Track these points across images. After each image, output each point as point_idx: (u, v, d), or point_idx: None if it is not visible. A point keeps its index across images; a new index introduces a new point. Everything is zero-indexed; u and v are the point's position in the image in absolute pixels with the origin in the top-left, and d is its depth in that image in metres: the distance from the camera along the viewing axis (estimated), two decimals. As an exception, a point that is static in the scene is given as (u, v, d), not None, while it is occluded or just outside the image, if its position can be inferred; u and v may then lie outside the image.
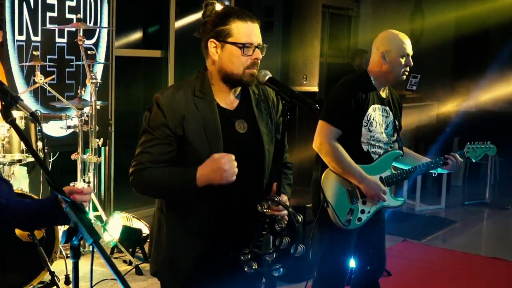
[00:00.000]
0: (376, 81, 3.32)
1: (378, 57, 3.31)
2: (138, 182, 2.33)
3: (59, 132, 5.16)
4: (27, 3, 5.09)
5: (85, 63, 4.68)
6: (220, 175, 2.24)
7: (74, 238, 1.74)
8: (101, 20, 5.78)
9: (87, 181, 4.74)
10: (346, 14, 9.68)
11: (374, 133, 3.28)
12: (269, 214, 2.35)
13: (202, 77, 2.38)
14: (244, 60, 2.32)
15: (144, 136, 2.34)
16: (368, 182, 3.26)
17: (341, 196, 3.28)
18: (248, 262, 2.36)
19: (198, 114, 2.32)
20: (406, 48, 3.29)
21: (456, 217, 7.10)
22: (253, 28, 2.35)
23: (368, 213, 3.33)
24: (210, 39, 2.33)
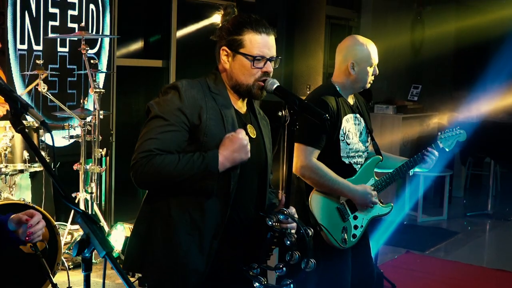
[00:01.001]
0: (343, 90, 3.28)
1: (345, 66, 3.25)
2: (144, 170, 2.15)
3: (60, 142, 5.12)
4: (29, 12, 5.06)
5: (88, 72, 4.65)
6: (245, 152, 2.21)
7: (86, 250, 1.69)
8: (103, 29, 5.76)
9: (89, 192, 4.69)
10: (346, 25, 9.68)
11: (352, 145, 3.23)
12: (278, 228, 2.31)
13: (215, 77, 2.36)
14: (254, 72, 2.30)
15: (153, 122, 2.21)
16: (358, 192, 3.20)
17: (332, 216, 3.21)
18: (257, 278, 2.32)
19: (216, 107, 2.28)
20: (374, 58, 3.25)
21: (459, 228, 7.07)
22: (267, 40, 2.32)
23: (361, 227, 3.29)
24: (223, 46, 2.32)
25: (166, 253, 2.26)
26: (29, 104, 1.81)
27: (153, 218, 2.30)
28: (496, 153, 7.96)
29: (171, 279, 2.27)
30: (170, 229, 2.26)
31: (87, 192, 4.70)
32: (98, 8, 5.68)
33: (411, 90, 8.32)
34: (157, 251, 2.28)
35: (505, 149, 7.93)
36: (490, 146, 7.97)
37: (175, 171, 2.16)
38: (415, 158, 3.41)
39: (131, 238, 2.39)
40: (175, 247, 2.25)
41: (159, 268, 2.27)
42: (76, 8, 5.47)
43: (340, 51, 3.31)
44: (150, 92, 6.84)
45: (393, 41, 9.41)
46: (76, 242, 1.69)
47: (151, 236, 2.29)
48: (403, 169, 3.39)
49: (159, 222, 2.28)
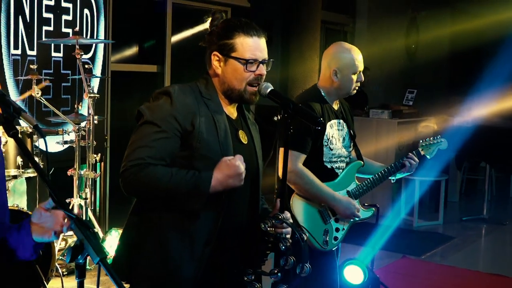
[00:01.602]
0: (327, 96, 3.29)
1: (329, 73, 3.25)
2: (135, 179, 2.11)
3: (55, 148, 5.09)
4: (22, 17, 5.04)
5: (82, 77, 4.63)
6: (239, 180, 2.18)
7: (80, 256, 1.67)
8: (97, 34, 5.74)
9: (84, 197, 4.66)
10: (341, 30, 9.70)
11: (335, 150, 3.25)
12: (272, 232, 2.29)
13: (206, 82, 2.33)
14: (247, 76, 2.28)
15: (145, 128, 2.17)
16: (341, 203, 3.22)
17: (314, 218, 3.22)
18: (251, 283, 2.30)
19: (209, 113, 2.25)
20: (358, 65, 3.24)
21: (455, 233, 7.05)
22: (259, 42, 2.30)
23: (343, 230, 3.31)
24: (214, 51, 2.29)
25: (157, 262, 2.22)
26: (21, 108, 1.78)
27: (143, 226, 2.26)
28: (491, 157, 7.96)
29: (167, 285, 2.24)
30: (161, 237, 2.22)
31: (81, 198, 4.67)
32: (92, 13, 5.66)
33: (406, 95, 8.32)
34: (147, 260, 2.24)
35: (500, 154, 7.94)
36: (485, 151, 7.98)
37: (165, 186, 2.12)
38: (395, 164, 3.44)
39: (119, 246, 2.35)
40: (166, 256, 2.22)
41: (150, 278, 2.23)
42: (70, 13, 5.45)
43: (325, 57, 3.32)
44: (145, 97, 6.76)
45: (388, 46, 9.44)
46: (70, 248, 1.66)
47: (140, 244, 2.25)
48: (384, 175, 3.41)
49: (149, 230, 2.24)
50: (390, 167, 3.42)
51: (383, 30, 9.57)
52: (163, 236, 2.22)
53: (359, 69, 3.24)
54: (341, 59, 3.23)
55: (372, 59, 9.48)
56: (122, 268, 2.28)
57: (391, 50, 9.59)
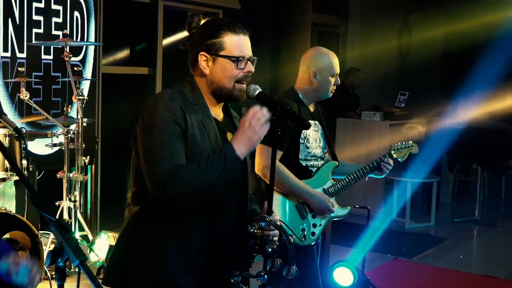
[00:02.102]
0: (304, 97, 3.42)
1: (308, 75, 3.39)
2: (182, 185, 2.09)
3: (44, 150, 5.08)
4: (12, 19, 5.02)
5: (71, 79, 4.61)
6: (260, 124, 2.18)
7: (60, 260, 1.66)
8: (88, 37, 5.73)
9: (73, 200, 4.65)
10: (334, 32, 9.71)
11: (311, 149, 3.38)
12: (259, 235, 2.28)
13: (191, 86, 2.30)
14: (236, 74, 2.27)
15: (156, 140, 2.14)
16: (317, 198, 3.36)
17: (292, 214, 3.35)
18: (238, 285, 2.29)
19: (198, 119, 2.23)
20: (336, 67, 3.40)
21: (446, 234, 7.06)
22: (245, 40, 2.30)
23: (320, 226, 3.43)
24: (200, 52, 2.27)
25: (152, 269, 2.21)
26: (2, 111, 1.78)
27: (138, 234, 2.25)
28: (482, 159, 7.98)
29: None
30: (157, 245, 2.22)
31: (70, 201, 4.65)
32: (82, 16, 5.65)
33: (398, 97, 8.34)
34: (142, 267, 2.23)
35: (490, 155, 7.95)
36: (476, 152, 8.00)
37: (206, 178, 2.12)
38: (369, 165, 3.57)
39: (113, 253, 2.34)
40: (162, 263, 2.21)
41: (145, 285, 2.23)
42: (60, 15, 5.44)
43: (304, 60, 3.46)
44: (137, 100, 6.82)
45: (381, 48, 9.46)
46: (49, 252, 1.65)
47: (135, 252, 2.24)
48: (359, 175, 3.56)
49: (144, 237, 2.24)
50: (364, 168, 3.56)
51: (376, 32, 9.59)
52: (158, 244, 2.21)
53: (336, 72, 3.41)
54: (320, 61, 3.39)
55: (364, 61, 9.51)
56: (116, 275, 2.27)
57: (383, 52, 9.60)
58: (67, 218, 4.66)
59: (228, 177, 2.16)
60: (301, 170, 3.35)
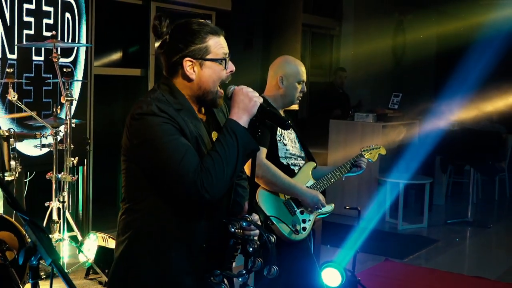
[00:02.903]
0: (274, 103, 3.48)
1: (275, 81, 3.48)
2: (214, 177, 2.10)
3: (35, 152, 5.08)
4: (3, 20, 5.03)
5: (59, 80, 4.61)
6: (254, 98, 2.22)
7: (33, 258, 1.66)
8: (79, 38, 5.73)
9: (61, 201, 4.65)
10: (328, 34, 9.72)
11: (288, 146, 3.45)
12: (240, 234, 2.29)
13: (170, 88, 2.25)
14: (223, 75, 2.27)
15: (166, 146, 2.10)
16: (309, 195, 3.42)
17: (280, 210, 3.39)
18: (219, 284, 2.30)
19: (187, 123, 2.20)
20: (302, 74, 3.49)
21: (439, 236, 7.08)
22: (223, 40, 2.30)
23: (309, 221, 3.48)
24: (185, 58, 2.23)
25: (153, 272, 2.22)
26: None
27: (138, 239, 2.24)
28: (474, 160, 7.99)
29: None
30: (157, 248, 2.22)
31: (59, 201, 4.65)
32: (74, 17, 5.66)
33: (392, 98, 8.35)
34: (144, 271, 2.23)
35: (483, 156, 7.97)
36: (469, 154, 8.01)
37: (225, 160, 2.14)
38: (345, 165, 3.67)
39: (115, 260, 2.32)
40: (164, 265, 2.22)
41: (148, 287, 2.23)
42: (51, 16, 5.45)
43: (272, 67, 3.55)
44: (129, 101, 6.83)
45: (375, 49, 9.48)
46: (22, 250, 1.66)
47: (137, 257, 2.24)
48: (336, 174, 3.63)
49: (145, 242, 2.23)
50: (341, 168, 3.65)
51: (370, 34, 9.60)
52: (160, 246, 2.21)
53: (302, 79, 3.48)
54: (286, 68, 3.49)
55: (358, 63, 9.54)
56: (117, 280, 2.28)
57: (377, 53, 9.63)
58: (56, 219, 4.66)
59: (245, 151, 2.18)
60: (283, 169, 3.38)
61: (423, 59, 10.34)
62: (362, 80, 9.50)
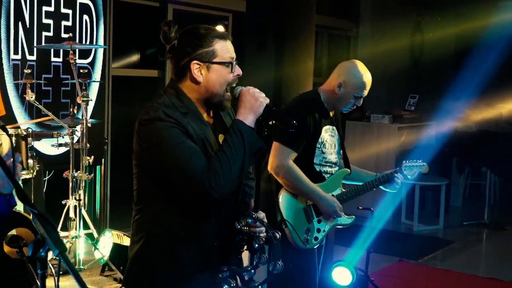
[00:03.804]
0: (325, 102, 3.39)
1: (335, 83, 3.36)
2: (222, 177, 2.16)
3: (53, 151, 5.18)
4: (22, 22, 5.14)
5: (76, 81, 4.72)
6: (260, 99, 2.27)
7: (41, 250, 1.74)
8: (97, 40, 5.84)
9: (77, 199, 4.75)
10: (344, 35, 9.74)
11: (326, 154, 3.37)
12: (246, 231, 2.35)
13: (176, 92, 2.31)
14: (229, 78, 2.32)
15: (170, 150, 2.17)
16: (327, 201, 3.33)
17: (298, 216, 3.33)
18: (226, 280, 2.36)
19: (194, 127, 2.26)
20: (363, 91, 3.34)
21: (454, 237, 7.05)
22: (230, 44, 2.35)
23: (323, 232, 3.40)
24: (193, 61, 2.28)
25: (167, 271, 2.29)
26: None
27: (152, 238, 2.31)
28: (490, 162, 7.96)
29: None
30: (169, 247, 2.28)
31: (76, 200, 4.75)
32: (92, 19, 5.76)
33: (409, 100, 8.35)
34: (157, 270, 2.29)
35: (499, 158, 7.93)
36: (485, 155, 7.98)
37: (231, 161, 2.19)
38: (380, 178, 3.54)
39: (129, 258, 2.38)
40: (177, 265, 2.28)
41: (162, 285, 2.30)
42: (69, 18, 5.55)
43: (340, 67, 3.41)
44: (146, 101, 6.88)
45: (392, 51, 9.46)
46: (31, 242, 1.74)
47: (149, 256, 2.30)
48: (368, 187, 3.53)
49: (158, 241, 2.29)
50: (374, 181, 3.53)
51: (387, 35, 9.59)
52: (172, 248, 2.27)
53: (362, 94, 3.35)
54: (351, 77, 3.33)
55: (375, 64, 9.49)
56: (131, 277, 2.36)
57: (395, 54, 9.60)
58: (72, 216, 4.76)
59: (251, 150, 2.23)
60: (315, 175, 3.33)
61: (441, 61, 10.30)
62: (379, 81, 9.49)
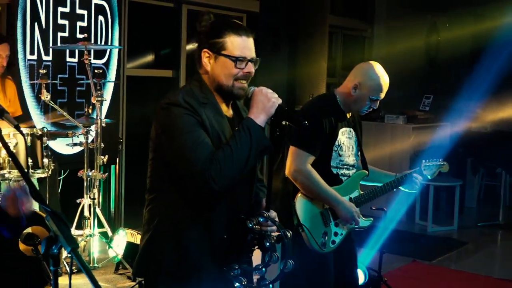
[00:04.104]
0: (342, 104, 3.37)
1: (351, 84, 3.33)
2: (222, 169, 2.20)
3: (69, 150, 5.23)
4: (38, 23, 5.20)
5: (90, 81, 4.77)
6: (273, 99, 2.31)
7: (54, 247, 1.77)
8: (112, 40, 5.88)
9: (92, 198, 4.79)
10: (360, 36, 9.73)
11: (343, 157, 3.34)
12: (258, 230, 2.37)
13: (199, 84, 2.39)
14: (235, 73, 2.35)
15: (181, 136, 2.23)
16: (344, 207, 3.30)
17: (315, 219, 3.31)
18: (237, 278, 2.38)
19: (211, 117, 2.32)
20: (380, 93, 3.31)
21: (468, 238, 7.01)
22: (247, 42, 2.38)
23: (341, 235, 3.38)
24: (204, 49, 2.36)
25: (175, 260, 2.33)
26: (4, 109, 1.89)
27: (161, 225, 2.35)
28: (505, 163, 7.90)
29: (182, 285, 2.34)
30: (177, 236, 2.32)
31: (90, 199, 4.80)
32: (107, 20, 5.81)
33: (423, 100, 8.33)
34: (166, 259, 2.34)
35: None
36: (500, 156, 7.93)
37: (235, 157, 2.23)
38: (399, 179, 3.52)
39: (140, 247, 2.44)
40: (185, 254, 2.32)
41: (171, 273, 2.34)
42: (85, 19, 5.61)
43: (357, 69, 3.39)
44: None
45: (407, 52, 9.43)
46: (44, 239, 1.77)
47: (160, 242, 2.35)
48: (387, 188, 3.51)
49: (168, 228, 2.34)
50: (393, 182, 3.51)
51: (402, 36, 9.56)
52: (180, 237, 2.32)
53: (378, 96, 3.32)
54: (368, 79, 3.30)
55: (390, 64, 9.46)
56: (142, 266, 2.41)
57: (410, 55, 9.57)
58: (87, 215, 4.80)
59: (258, 148, 2.27)
60: (332, 178, 3.31)
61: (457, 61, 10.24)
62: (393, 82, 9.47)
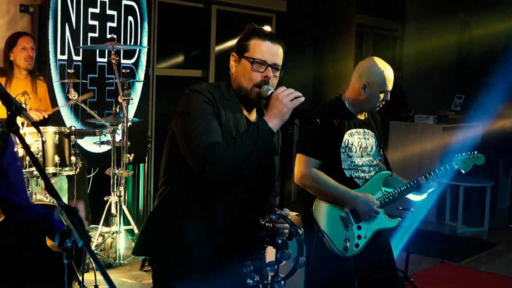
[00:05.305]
0: (351, 106, 3.36)
1: (358, 85, 3.32)
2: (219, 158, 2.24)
3: (98, 149, 5.33)
4: (69, 24, 5.32)
5: (117, 80, 4.85)
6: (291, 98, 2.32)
7: (68, 241, 1.84)
8: (141, 41, 5.98)
9: (118, 195, 4.88)
10: (391, 35, 9.68)
11: (354, 158, 3.31)
12: (270, 227, 2.41)
13: (227, 83, 2.47)
14: (254, 76, 2.41)
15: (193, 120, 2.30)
16: (360, 200, 3.27)
17: (336, 224, 3.27)
18: (250, 275, 2.42)
19: (230, 113, 2.39)
20: (388, 84, 3.30)
21: (499, 239, 6.92)
22: (271, 47, 2.43)
23: (365, 238, 3.33)
24: (233, 52, 2.47)
25: (172, 246, 2.41)
26: (22, 107, 1.94)
27: (164, 213, 2.44)
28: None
29: (175, 269, 2.43)
30: (179, 222, 2.39)
31: (117, 196, 4.89)
32: (136, 20, 5.90)
33: (455, 100, 8.24)
34: (163, 243, 2.43)
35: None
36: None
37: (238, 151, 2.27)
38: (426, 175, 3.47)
39: (143, 227, 2.54)
40: (182, 241, 2.39)
41: (166, 259, 2.43)
42: (115, 20, 5.71)
43: (358, 69, 3.38)
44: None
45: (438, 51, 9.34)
46: (58, 233, 1.83)
47: (158, 226, 2.44)
48: (414, 186, 3.45)
49: (168, 214, 2.42)
50: (421, 179, 3.45)
51: (433, 35, 9.48)
52: (180, 221, 2.39)
53: (387, 89, 3.31)
54: (373, 75, 3.30)
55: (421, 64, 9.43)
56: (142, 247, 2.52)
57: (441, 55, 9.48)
58: (114, 212, 4.89)
59: (262, 149, 2.30)
60: (345, 180, 3.28)
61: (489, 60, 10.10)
62: (424, 81, 9.40)
